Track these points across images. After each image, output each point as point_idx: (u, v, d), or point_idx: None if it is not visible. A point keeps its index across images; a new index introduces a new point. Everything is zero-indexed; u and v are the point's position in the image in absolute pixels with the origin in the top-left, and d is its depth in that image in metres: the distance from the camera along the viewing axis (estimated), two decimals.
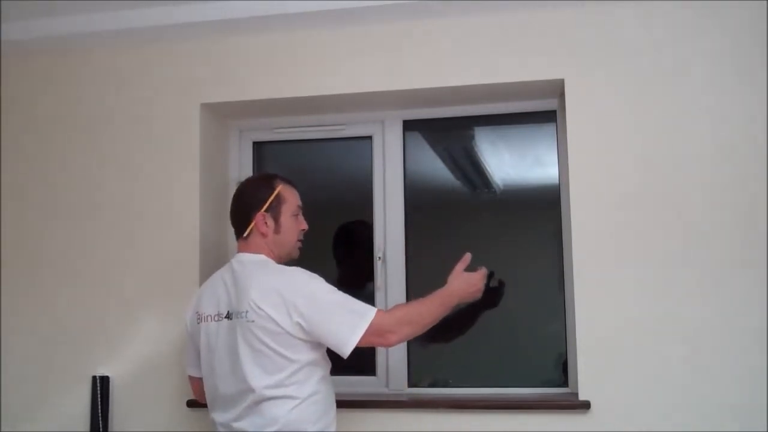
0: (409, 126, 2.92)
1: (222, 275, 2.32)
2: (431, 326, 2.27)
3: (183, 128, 2.83)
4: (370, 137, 2.94)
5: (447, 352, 2.88)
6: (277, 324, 2.11)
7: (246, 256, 2.29)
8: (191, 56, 2.86)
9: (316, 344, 2.17)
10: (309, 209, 2.47)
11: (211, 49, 2.84)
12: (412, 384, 2.80)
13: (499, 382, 2.74)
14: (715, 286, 2.44)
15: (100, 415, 2.72)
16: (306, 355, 2.15)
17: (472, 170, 2.99)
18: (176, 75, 2.87)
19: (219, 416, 2.23)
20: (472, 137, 2.97)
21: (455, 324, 2.78)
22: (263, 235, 2.29)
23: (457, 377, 2.84)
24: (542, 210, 2.79)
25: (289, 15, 2.67)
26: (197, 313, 2.32)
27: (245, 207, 2.31)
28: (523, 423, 2.50)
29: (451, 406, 2.58)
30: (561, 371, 2.72)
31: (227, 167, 3.01)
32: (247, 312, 2.14)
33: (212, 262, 2.84)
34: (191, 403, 2.69)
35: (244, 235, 2.31)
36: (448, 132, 2.98)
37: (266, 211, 2.28)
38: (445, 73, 2.68)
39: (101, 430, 2.72)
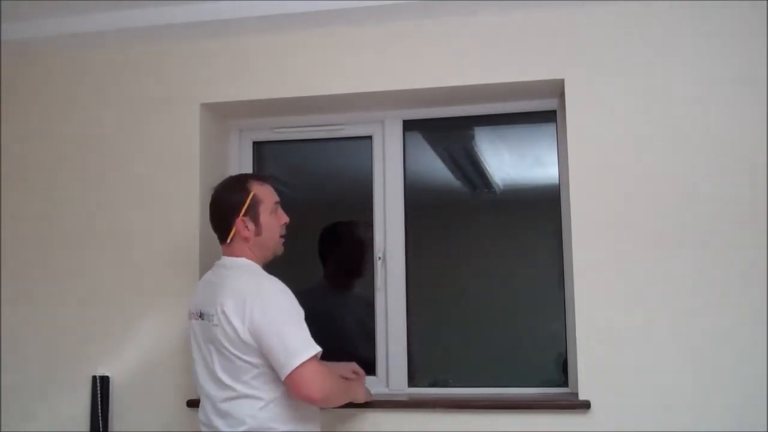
0: (409, 126, 2.92)
1: (207, 276, 2.37)
2: (333, 400, 2.29)
3: (183, 128, 2.83)
4: (370, 137, 2.94)
5: (447, 352, 2.88)
6: (234, 329, 2.13)
7: (229, 260, 2.31)
8: (191, 56, 2.86)
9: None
10: (309, 209, 2.47)
11: (211, 49, 2.84)
12: (412, 384, 2.80)
13: (499, 382, 2.74)
14: (715, 285, 2.44)
15: (100, 415, 2.72)
16: (262, 359, 2.15)
17: (472, 170, 2.99)
18: (176, 75, 2.87)
19: (201, 414, 2.28)
20: (472, 137, 2.97)
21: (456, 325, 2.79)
22: (245, 239, 2.29)
23: (457, 377, 2.84)
24: (542, 210, 2.79)
25: (289, 15, 2.67)
26: (189, 310, 2.37)
27: (223, 214, 2.31)
28: (523, 423, 2.50)
29: (451, 406, 2.58)
30: (561, 371, 2.72)
31: (227, 167, 3.01)
32: (213, 315, 2.18)
33: (212, 262, 2.83)
34: (191, 403, 2.69)
35: (227, 240, 2.31)
36: (448, 132, 2.98)
37: (245, 215, 2.28)
38: (445, 73, 2.68)
39: (101, 430, 2.72)
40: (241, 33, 2.80)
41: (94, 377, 2.76)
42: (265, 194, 2.33)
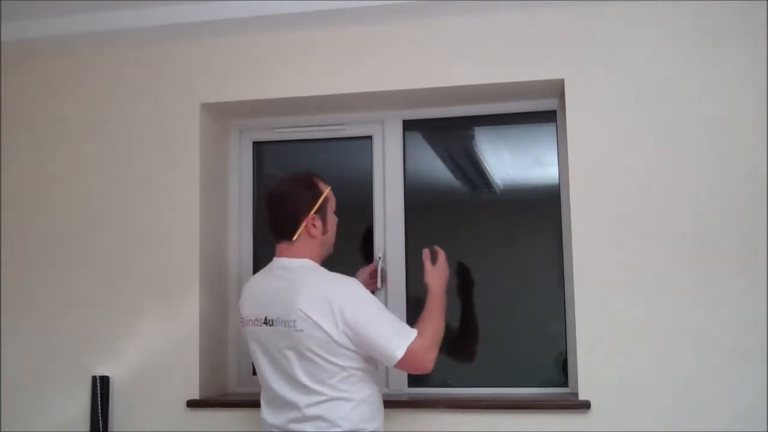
0: (409, 126, 2.92)
1: (265, 280, 2.30)
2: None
3: (183, 128, 2.83)
4: (370, 137, 2.94)
5: (447, 352, 2.87)
6: (326, 333, 2.11)
7: (291, 261, 2.25)
8: (191, 56, 2.86)
9: (364, 354, 2.17)
10: None
11: (211, 49, 2.84)
12: (412, 384, 2.79)
13: (499, 382, 2.74)
14: (715, 285, 2.44)
15: (100, 415, 2.72)
16: (355, 362, 2.16)
17: (472, 170, 2.99)
18: (176, 75, 2.87)
19: (272, 417, 2.23)
20: (472, 137, 2.97)
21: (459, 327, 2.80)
22: (313, 237, 2.27)
23: (457, 377, 2.84)
24: (542, 210, 2.79)
25: (289, 15, 2.67)
26: (241, 317, 2.33)
27: (292, 211, 2.26)
28: (523, 423, 2.50)
29: (451, 406, 2.58)
30: (561, 371, 2.73)
31: (227, 167, 3.01)
32: (295, 321, 2.13)
33: (212, 261, 2.85)
34: (191, 403, 2.70)
35: (294, 238, 2.26)
36: (448, 132, 2.98)
37: (315, 213, 2.27)
38: (445, 73, 2.68)
39: (101, 430, 2.72)
40: (241, 33, 2.80)
41: (94, 377, 2.76)
42: (331, 194, 2.36)
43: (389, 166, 2.88)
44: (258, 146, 3.05)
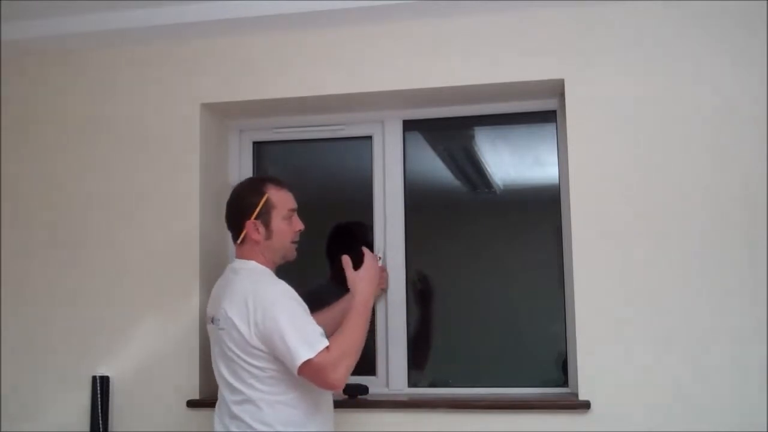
0: (409, 126, 2.92)
1: (219, 281, 2.39)
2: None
3: (183, 128, 2.83)
4: (370, 137, 2.94)
5: (447, 352, 2.88)
6: (240, 332, 2.14)
7: (238, 264, 2.33)
8: (191, 56, 2.86)
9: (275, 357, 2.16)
10: (309, 209, 2.47)
11: (211, 49, 2.84)
12: (412, 384, 2.79)
13: (499, 382, 2.74)
14: (715, 285, 2.44)
15: (100, 415, 2.72)
16: (270, 364, 2.15)
17: (472, 170, 2.99)
18: (176, 75, 2.87)
19: (216, 416, 2.29)
20: (472, 137, 2.97)
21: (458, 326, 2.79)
22: (255, 242, 2.30)
23: (457, 377, 2.84)
24: (542, 210, 2.79)
25: (289, 15, 2.67)
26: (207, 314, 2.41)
27: (236, 214, 2.33)
28: (523, 423, 2.50)
29: (451, 406, 2.58)
30: (561, 371, 2.72)
31: (227, 167, 3.01)
32: (219, 320, 2.21)
33: (212, 261, 2.84)
34: (191, 403, 2.70)
35: (238, 241, 2.34)
36: (448, 132, 2.98)
37: (256, 218, 2.29)
38: (444, 73, 2.68)
39: (101, 430, 2.71)
40: (241, 33, 2.80)
41: (94, 377, 2.76)
42: (279, 200, 2.33)
43: (389, 166, 2.88)
44: (258, 146, 3.05)
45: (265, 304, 2.14)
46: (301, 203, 2.41)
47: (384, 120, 2.91)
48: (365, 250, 2.46)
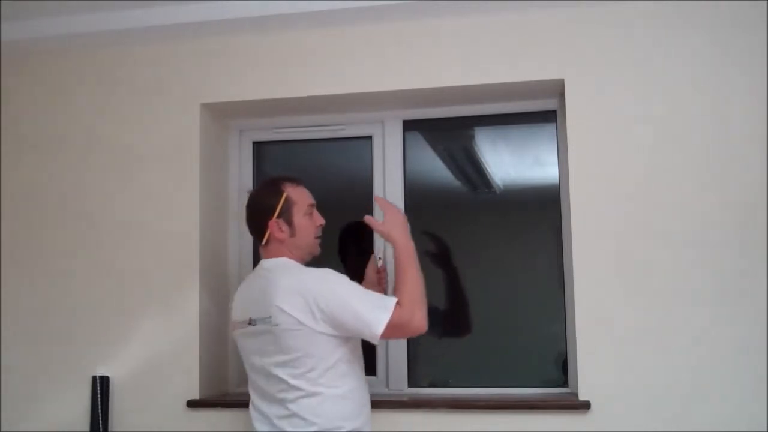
0: (409, 126, 2.92)
1: (249, 283, 2.37)
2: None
3: (183, 128, 2.83)
4: (370, 137, 2.94)
5: (447, 352, 2.88)
6: (302, 323, 2.13)
7: (269, 262, 2.32)
8: (191, 56, 2.86)
9: (343, 340, 2.18)
10: None
11: (211, 49, 2.84)
12: (412, 384, 2.80)
13: (499, 382, 2.74)
14: (715, 285, 2.44)
15: (100, 415, 2.72)
16: (334, 351, 2.16)
17: (472, 170, 2.99)
18: (176, 75, 2.87)
19: (264, 408, 2.24)
20: (472, 137, 2.97)
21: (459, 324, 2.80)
22: (280, 240, 2.31)
23: (457, 377, 2.84)
24: (542, 210, 2.79)
25: (288, 15, 2.67)
26: (232, 320, 2.38)
27: (258, 216, 2.34)
28: (523, 423, 2.50)
29: (451, 406, 2.58)
30: (561, 371, 2.73)
31: (227, 167, 3.01)
32: (271, 317, 2.16)
33: (212, 261, 2.85)
34: (191, 403, 2.70)
35: (263, 243, 2.34)
36: (448, 132, 2.98)
37: (278, 217, 2.30)
38: (444, 73, 2.68)
39: (101, 430, 2.71)
40: (241, 33, 2.80)
41: (94, 377, 2.76)
42: (298, 196, 2.35)
43: (389, 166, 2.88)
44: (258, 146, 3.05)
45: (322, 289, 2.15)
46: (314, 200, 2.41)
47: (384, 120, 2.91)
48: (375, 199, 2.55)
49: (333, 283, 2.20)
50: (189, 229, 2.78)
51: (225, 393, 2.89)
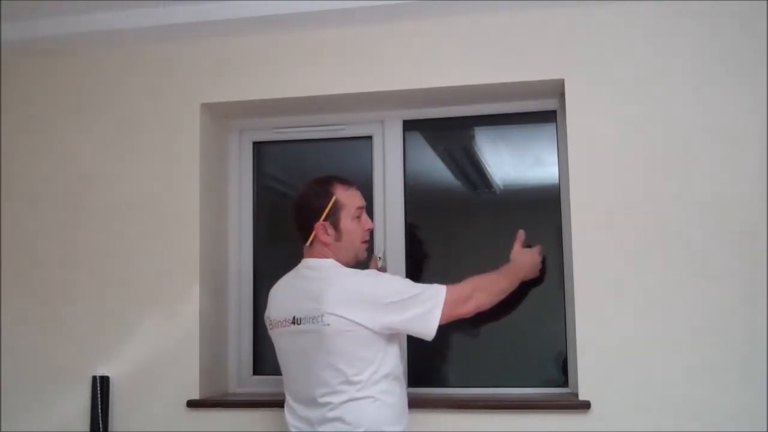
0: (409, 126, 2.92)
1: (291, 281, 2.32)
2: (499, 300, 2.34)
3: (183, 128, 2.83)
4: (370, 137, 2.94)
5: (447, 352, 2.88)
6: (356, 324, 2.10)
7: (314, 261, 2.27)
8: (191, 56, 2.86)
9: (392, 343, 2.18)
10: None
11: (211, 49, 2.84)
12: (412, 384, 2.79)
13: (499, 382, 2.74)
14: (715, 285, 2.44)
15: (100, 415, 2.72)
16: (383, 355, 2.15)
17: (472, 170, 2.99)
18: (176, 75, 2.87)
19: (303, 411, 2.21)
20: (472, 137, 2.96)
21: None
22: (325, 244, 2.26)
23: (457, 377, 2.84)
24: (542, 210, 2.79)
25: (288, 15, 2.67)
26: (268, 318, 2.33)
27: (304, 216, 2.28)
28: (523, 423, 2.50)
29: (451, 406, 2.58)
30: (561, 371, 2.73)
31: (227, 167, 3.01)
32: (322, 317, 2.12)
33: (212, 261, 2.85)
34: (191, 403, 2.70)
35: (308, 243, 2.29)
36: (448, 132, 2.98)
37: (325, 219, 2.25)
38: (445, 73, 2.68)
39: (101, 430, 2.72)
40: (241, 33, 2.80)
41: (94, 377, 2.76)
42: (347, 199, 2.29)
43: (389, 166, 2.88)
44: (258, 146, 3.05)
45: (376, 288, 2.16)
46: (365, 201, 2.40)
47: (384, 120, 2.91)
48: (538, 247, 2.59)
49: (384, 281, 2.22)
50: (189, 229, 2.78)
51: (225, 393, 2.89)
